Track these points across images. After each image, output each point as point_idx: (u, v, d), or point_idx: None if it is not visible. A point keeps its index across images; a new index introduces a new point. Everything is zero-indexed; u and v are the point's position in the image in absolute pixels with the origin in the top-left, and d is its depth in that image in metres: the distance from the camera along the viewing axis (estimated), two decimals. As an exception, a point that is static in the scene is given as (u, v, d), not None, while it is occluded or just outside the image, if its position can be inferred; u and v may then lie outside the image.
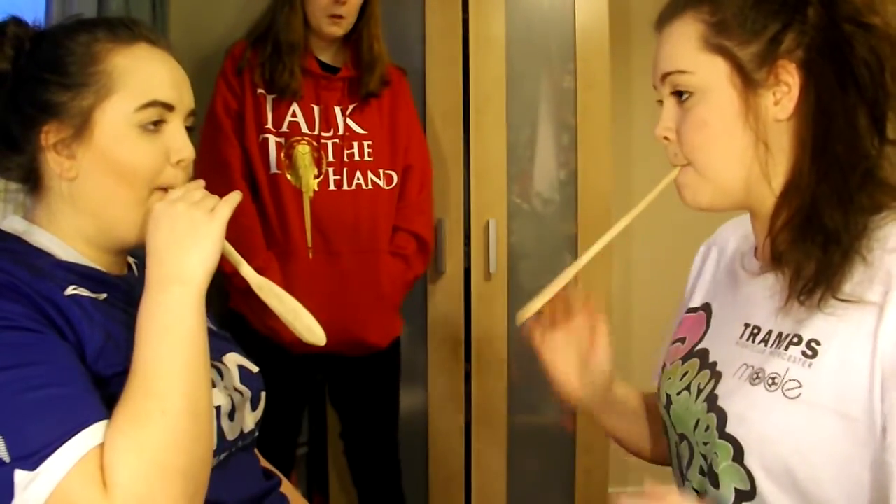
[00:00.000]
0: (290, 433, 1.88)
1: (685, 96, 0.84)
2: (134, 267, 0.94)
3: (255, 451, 0.99)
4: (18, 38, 0.83)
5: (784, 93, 0.79)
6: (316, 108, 1.76)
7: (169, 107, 0.84)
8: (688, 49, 0.82)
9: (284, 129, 1.74)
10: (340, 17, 1.71)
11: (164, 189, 0.85)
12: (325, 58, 1.80)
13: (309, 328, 0.87)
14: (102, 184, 0.82)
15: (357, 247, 1.77)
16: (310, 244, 1.73)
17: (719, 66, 0.81)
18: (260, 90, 1.74)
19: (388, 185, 1.81)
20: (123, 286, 0.86)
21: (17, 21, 0.84)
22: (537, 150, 2.18)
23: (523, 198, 2.17)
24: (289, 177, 1.73)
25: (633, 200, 0.94)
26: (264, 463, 1.02)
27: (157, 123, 0.83)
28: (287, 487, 1.01)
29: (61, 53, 0.82)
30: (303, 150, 1.74)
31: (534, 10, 2.17)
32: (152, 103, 0.82)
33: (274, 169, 1.73)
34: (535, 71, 2.17)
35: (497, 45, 2.12)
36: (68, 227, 0.84)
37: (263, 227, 1.74)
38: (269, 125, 1.73)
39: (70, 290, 0.77)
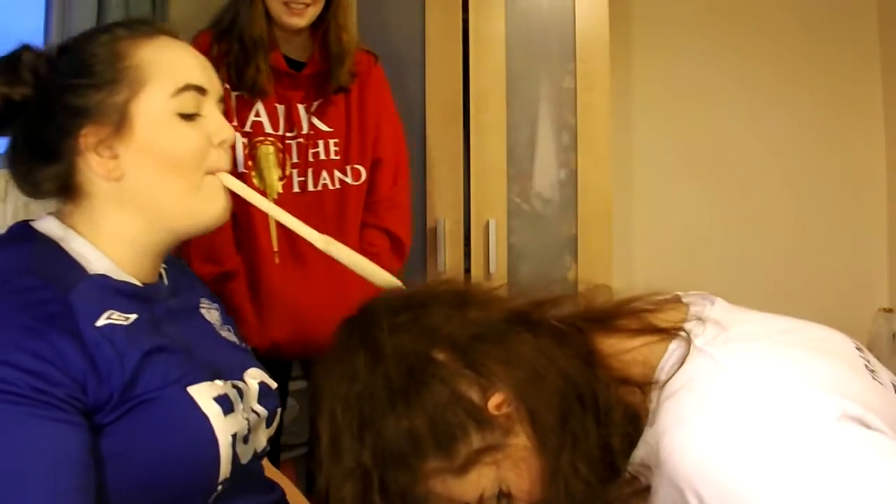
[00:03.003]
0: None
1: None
2: (164, 274, 0.92)
3: (264, 461, 0.97)
4: (33, 63, 0.82)
5: None
6: (280, 108, 1.66)
7: (202, 90, 0.84)
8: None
9: (248, 129, 1.65)
10: (302, 5, 1.58)
11: (212, 172, 0.84)
12: (291, 52, 1.69)
13: (384, 275, 0.87)
14: (152, 177, 0.81)
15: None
16: (276, 248, 1.65)
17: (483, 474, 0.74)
18: (225, 85, 1.61)
19: (355, 180, 1.72)
20: (153, 298, 0.84)
21: (28, 47, 0.83)
22: (537, 150, 2.18)
23: (523, 198, 2.17)
24: (254, 178, 1.65)
25: (634, 200, 0.95)
26: (269, 471, 0.99)
27: (193, 115, 0.83)
28: (292, 495, 1.00)
29: (84, 57, 0.81)
30: (266, 151, 1.66)
31: (534, 10, 2.16)
32: (186, 87, 0.82)
33: (241, 168, 1.63)
34: (535, 71, 2.17)
35: (497, 44, 2.11)
36: (111, 230, 0.82)
37: (232, 232, 1.64)
38: (235, 123, 1.62)
39: (102, 320, 0.74)
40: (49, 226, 0.83)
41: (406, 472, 0.72)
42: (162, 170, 0.81)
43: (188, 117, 0.82)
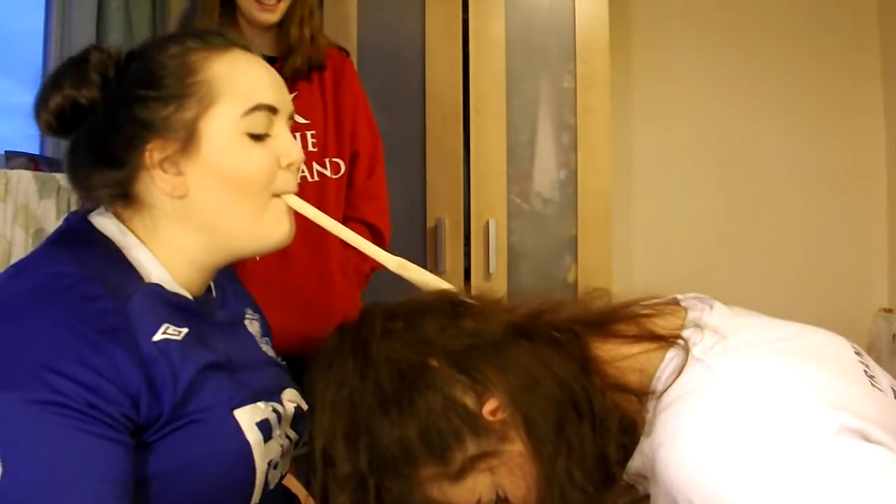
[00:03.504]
0: None
1: None
2: (212, 285, 0.89)
3: None
4: (102, 64, 0.78)
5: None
6: None
7: (273, 109, 0.81)
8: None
9: None
10: (274, 1, 1.58)
11: (278, 195, 0.82)
12: (262, 48, 1.67)
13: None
14: (217, 197, 0.78)
15: (306, 243, 1.64)
16: None
17: (479, 480, 0.74)
18: None
19: (335, 173, 1.71)
20: (202, 312, 0.83)
21: (97, 48, 0.80)
22: (537, 150, 2.18)
23: (523, 198, 2.17)
24: None
25: (634, 200, 0.94)
26: (286, 480, 0.98)
27: (263, 135, 0.80)
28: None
29: (154, 68, 0.78)
30: None
31: (534, 10, 2.17)
32: (258, 107, 0.79)
33: None
34: (535, 71, 2.17)
35: (497, 45, 2.12)
36: (171, 244, 0.80)
37: None
38: None
39: (159, 335, 0.72)
40: (110, 228, 0.80)
41: (402, 479, 0.72)
42: (228, 191, 0.78)
43: (258, 137, 0.79)
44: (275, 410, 0.83)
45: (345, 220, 1.74)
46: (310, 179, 1.69)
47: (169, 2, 2.09)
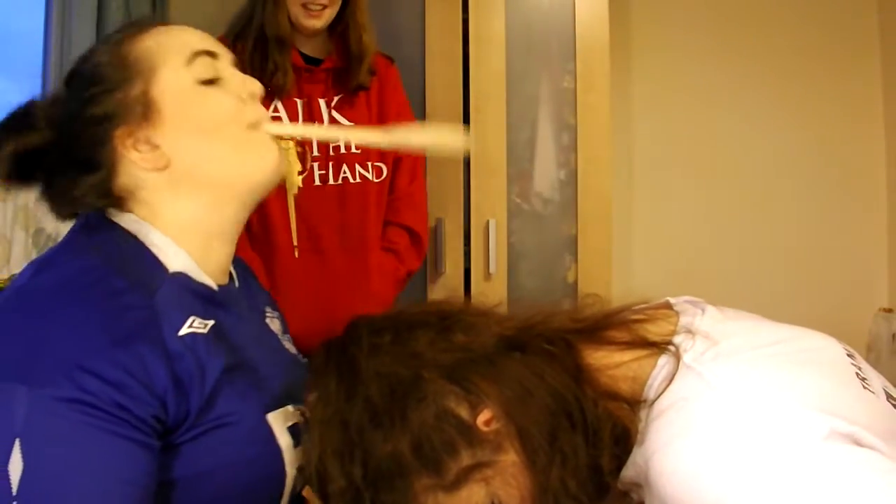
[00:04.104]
0: None
1: None
2: (234, 275, 0.89)
3: None
4: (43, 110, 0.80)
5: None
6: (299, 102, 1.69)
7: (212, 54, 0.82)
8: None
9: None
10: (320, 7, 1.63)
11: (255, 126, 0.83)
12: (308, 49, 1.73)
13: (449, 141, 0.89)
14: (196, 150, 0.79)
15: (345, 244, 1.70)
16: (295, 243, 1.65)
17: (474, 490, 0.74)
18: None
19: (377, 177, 1.75)
20: (227, 303, 0.82)
21: (32, 101, 0.81)
22: (537, 150, 2.18)
23: (523, 198, 2.17)
24: None
25: (634, 200, 0.94)
26: None
27: (214, 79, 0.81)
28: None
29: (92, 70, 0.79)
30: (285, 146, 1.67)
31: (534, 9, 2.16)
32: (196, 54, 0.80)
33: None
34: (535, 71, 2.17)
35: (497, 44, 2.12)
36: (178, 217, 0.80)
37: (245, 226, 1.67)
38: None
39: (185, 329, 0.72)
40: (124, 217, 0.80)
41: (397, 492, 0.72)
42: (203, 139, 0.79)
43: (210, 83, 0.80)
44: (303, 414, 0.82)
45: (385, 224, 1.79)
46: (351, 181, 1.72)
47: (169, 1, 2.09)
